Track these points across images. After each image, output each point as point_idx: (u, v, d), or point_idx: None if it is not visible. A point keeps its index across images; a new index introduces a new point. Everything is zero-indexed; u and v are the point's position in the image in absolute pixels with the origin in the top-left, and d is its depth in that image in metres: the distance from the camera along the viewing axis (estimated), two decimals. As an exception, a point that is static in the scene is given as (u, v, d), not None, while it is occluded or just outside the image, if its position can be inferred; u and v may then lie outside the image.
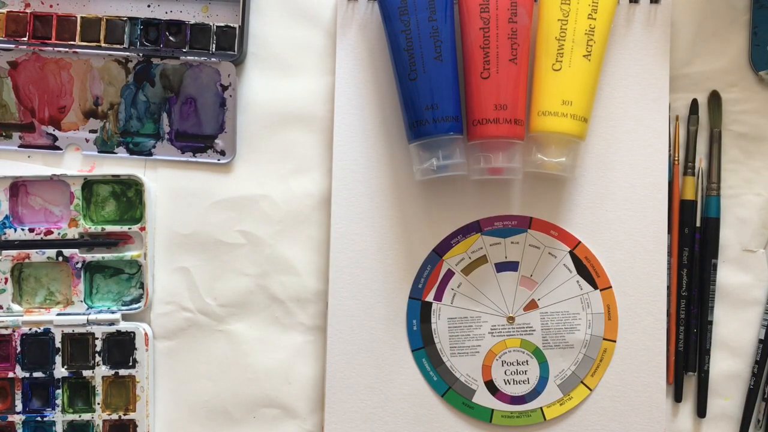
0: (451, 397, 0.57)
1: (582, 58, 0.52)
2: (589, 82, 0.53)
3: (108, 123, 0.58)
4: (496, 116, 0.51)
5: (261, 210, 0.58)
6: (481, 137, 0.52)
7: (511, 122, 0.52)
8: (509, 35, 0.51)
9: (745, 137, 0.58)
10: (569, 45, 0.52)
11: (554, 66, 0.52)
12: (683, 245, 0.58)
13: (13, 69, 0.58)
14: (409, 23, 0.52)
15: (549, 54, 0.52)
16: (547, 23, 0.53)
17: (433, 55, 0.51)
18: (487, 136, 0.52)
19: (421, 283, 0.57)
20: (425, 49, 0.51)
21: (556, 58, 0.52)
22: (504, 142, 0.52)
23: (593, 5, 0.53)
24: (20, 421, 0.57)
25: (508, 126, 0.51)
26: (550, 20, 0.53)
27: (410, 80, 0.52)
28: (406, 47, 0.52)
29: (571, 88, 0.52)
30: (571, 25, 0.52)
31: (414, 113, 0.52)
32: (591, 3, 0.53)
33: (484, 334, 0.57)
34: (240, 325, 0.58)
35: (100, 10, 0.58)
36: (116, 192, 0.58)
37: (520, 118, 0.52)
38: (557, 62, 0.52)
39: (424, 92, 0.52)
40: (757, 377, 0.58)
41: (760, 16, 0.58)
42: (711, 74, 0.58)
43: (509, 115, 0.51)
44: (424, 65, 0.51)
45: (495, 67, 0.51)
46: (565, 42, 0.52)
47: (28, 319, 0.57)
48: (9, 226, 0.57)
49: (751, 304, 0.58)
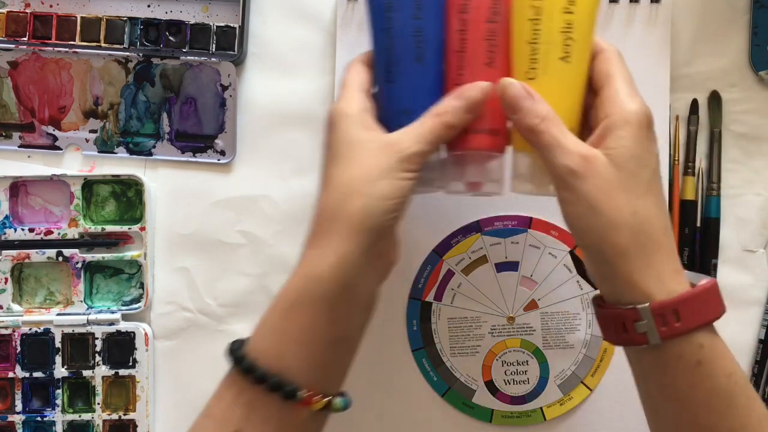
0: (451, 397, 0.57)
1: (558, 61, 0.43)
2: (570, 88, 0.44)
3: (108, 123, 0.58)
4: (471, 126, 0.44)
5: (261, 210, 0.58)
6: (455, 149, 0.45)
7: (487, 132, 0.45)
8: (486, 36, 0.45)
9: (745, 137, 0.58)
10: (544, 48, 0.43)
11: (528, 74, 0.44)
12: (683, 245, 0.58)
13: (13, 69, 0.58)
14: (391, 20, 0.45)
15: (522, 60, 0.44)
16: (518, 25, 0.44)
17: (413, 56, 0.45)
18: (461, 147, 0.45)
19: (421, 283, 0.57)
20: (405, 50, 0.45)
21: (529, 64, 0.44)
22: (481, 155, 0.46)
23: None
24: (20, 421, 0.57)
25: (483, 137, 0.45)
26: (521, 21, 0.44)
27: (386, 82, 0.46)
28: (387, 46, 0.45)
29: (549, 97, 0.43)
30: (544, 24, 0.43)
31: (387, 118, 0.45)
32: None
33: (484, 334, 0.57)
34: (240, 325, 0.58)
35: (100, 10, 0.58)
36: (116, 192, 0.58)
37: (498, 128, 0.45)
38: (531, 69, 0.44)
39: (398, 96, 0.45)
40: (757, 377, 0.58)
41: (760, 16, 0.58)
42: (711, 74, 0.58)
43: (486, 124, 0.44)
44: (403, 67, 0.45)
45: (470, 70, 0.45)
46: (539, 45, 0.44)
47: (28, 319, 0.57)
48: (9, 226, 0.57)
49: (751, 304, 0.58)
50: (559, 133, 0.40)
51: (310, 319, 0.40)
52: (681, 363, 0.39)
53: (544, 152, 0.41)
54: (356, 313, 0.42)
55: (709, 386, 0.39)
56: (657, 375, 0.40)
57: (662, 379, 0.40)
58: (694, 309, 0.39)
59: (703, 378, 0.39)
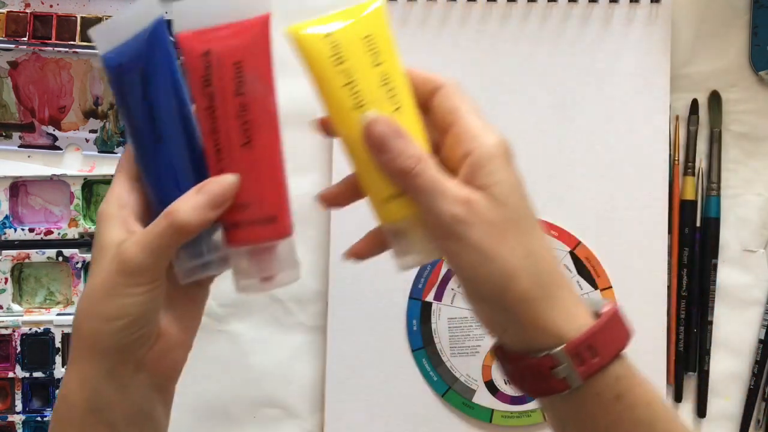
0: (451, 397, 0.57)
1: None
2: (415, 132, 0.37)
3: (108, 123, 0.58)
4: (241, 217, 0.37)
5: (261, 210, 0.58)
6: (229, 244, 0.38)
7: (264, 221, 0.38)
8: (237, 113, 0.37)
9: (745, 137, 0.58)
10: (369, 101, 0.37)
11: None
12: (683, 245, 0.58)
13: (13, 69, 0.58)
14: (124, 98, 0.38)
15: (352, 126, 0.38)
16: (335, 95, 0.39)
17: (152, 138, 0.37)
18: (234, 243, 0.38)
19: (421, 283, 0.57)
20: (143, 130, 0.37)
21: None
22: (264, 246, 0.38)
23: None
24: (20, 421, 0.57)
25: (260, 228, 0.38)
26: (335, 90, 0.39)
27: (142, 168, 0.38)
28: (128, 125, 0.38)
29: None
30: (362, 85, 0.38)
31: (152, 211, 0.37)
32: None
33: (484, 334, 0.57)
34: (240, 325, 0.58)
35: (100, 10, 0.58)
36: (116, 192, 0.58)
37: (275, 214, 0.38)
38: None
39: (150, 183, 0.38)
40: (757, 377, 0.57)
41: (760, 16, 0.58)
42: (711, 74, 0.58)
43: (259, 212, 0.38)
44: (146, 149, 0.38)
45: (227, 154, 0.37)
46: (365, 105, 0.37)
47: (28, 319, 0.57)
48: (9, 226, 0.57)
49: (751, 304, 0.58)
50: (437, 175, 0.36)
51: None
52: (600, 400, 0.36)
53: (422, 199, 0.36)
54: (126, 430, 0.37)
55: (631, 417, 0.36)
56: (575, 418, 0.37)
57: (581, 422, 0.37)
58: (607, 339, 0.36)
59: (623, 411, 0.36)
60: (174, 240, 0.35)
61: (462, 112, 0.37)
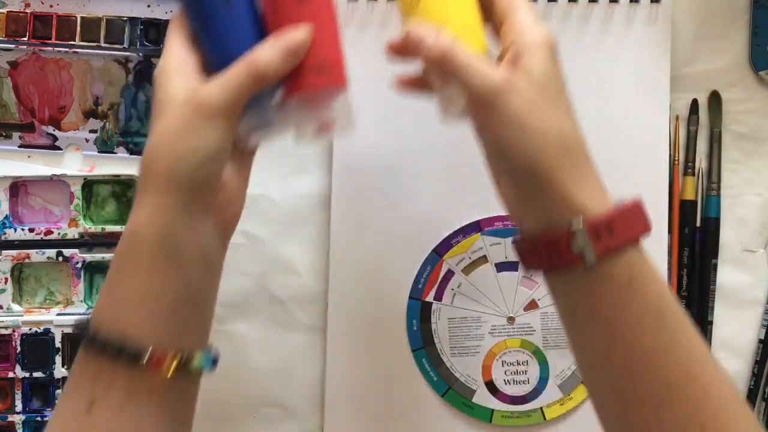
0: (451, 397, 0.57)
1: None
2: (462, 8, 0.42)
3: (108, 123, 0.58)
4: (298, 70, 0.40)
5: (261, 210, 0.58)
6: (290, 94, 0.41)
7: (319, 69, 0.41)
8: None
9: (745, 137, 0.58)
10: None
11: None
12: (683, 245, 0.58)
13: (13, 69, 0.58)
14: None
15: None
16: None
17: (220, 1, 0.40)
18: (295, 91, 0.41)
19: (421, 283, 0.57)
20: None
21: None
22: (321, 95, 0.41)
23: None
24: (20, 421, 0.57)
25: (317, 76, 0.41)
26: None
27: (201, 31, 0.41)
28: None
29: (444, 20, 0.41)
30: None
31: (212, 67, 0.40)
32: None
33: (484, 334, 0.57)
34: (240, 325, 0.58)
35: (100, 10, 0.58)
36: (116, 192, 0.58)
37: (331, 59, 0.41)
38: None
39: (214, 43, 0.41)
40: (757, 377, 0.58)
41: (760, 16, 0.58)
42: (711, 74, 0.58)
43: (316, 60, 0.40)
44: (211, 12, 0.40)
45: (283, 12, 0.40)
46: None
47: (28, 319, 0.57)
48: (9, 226, 0.57)
49: (751, 304, 0.58)
50: (470, 55, 0.38)
51: (138, 279, 0.38)
52: (612, 282, 0.38)
53: (459, 76, 0.38)
54: (193, 271, 0.39)
55: (640, 305, 0.37)
56: (586, 299, 0.38)
57: (592, 302, 0.38)
58: (626, 223, 0.38)
59: (634, 297, 0.37)
60: (253, 86, 0.38)
61: (515, 7, 0.41)
